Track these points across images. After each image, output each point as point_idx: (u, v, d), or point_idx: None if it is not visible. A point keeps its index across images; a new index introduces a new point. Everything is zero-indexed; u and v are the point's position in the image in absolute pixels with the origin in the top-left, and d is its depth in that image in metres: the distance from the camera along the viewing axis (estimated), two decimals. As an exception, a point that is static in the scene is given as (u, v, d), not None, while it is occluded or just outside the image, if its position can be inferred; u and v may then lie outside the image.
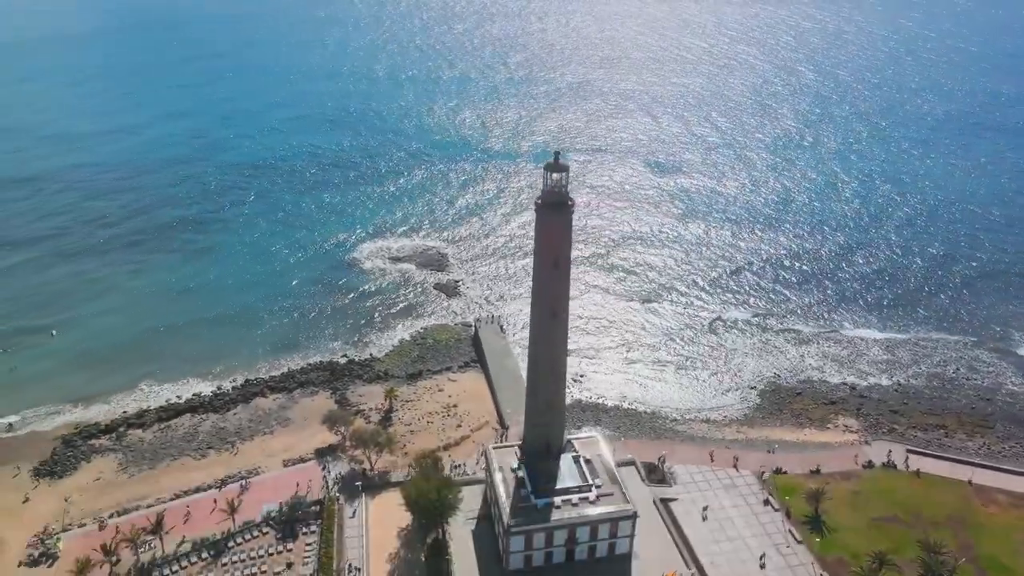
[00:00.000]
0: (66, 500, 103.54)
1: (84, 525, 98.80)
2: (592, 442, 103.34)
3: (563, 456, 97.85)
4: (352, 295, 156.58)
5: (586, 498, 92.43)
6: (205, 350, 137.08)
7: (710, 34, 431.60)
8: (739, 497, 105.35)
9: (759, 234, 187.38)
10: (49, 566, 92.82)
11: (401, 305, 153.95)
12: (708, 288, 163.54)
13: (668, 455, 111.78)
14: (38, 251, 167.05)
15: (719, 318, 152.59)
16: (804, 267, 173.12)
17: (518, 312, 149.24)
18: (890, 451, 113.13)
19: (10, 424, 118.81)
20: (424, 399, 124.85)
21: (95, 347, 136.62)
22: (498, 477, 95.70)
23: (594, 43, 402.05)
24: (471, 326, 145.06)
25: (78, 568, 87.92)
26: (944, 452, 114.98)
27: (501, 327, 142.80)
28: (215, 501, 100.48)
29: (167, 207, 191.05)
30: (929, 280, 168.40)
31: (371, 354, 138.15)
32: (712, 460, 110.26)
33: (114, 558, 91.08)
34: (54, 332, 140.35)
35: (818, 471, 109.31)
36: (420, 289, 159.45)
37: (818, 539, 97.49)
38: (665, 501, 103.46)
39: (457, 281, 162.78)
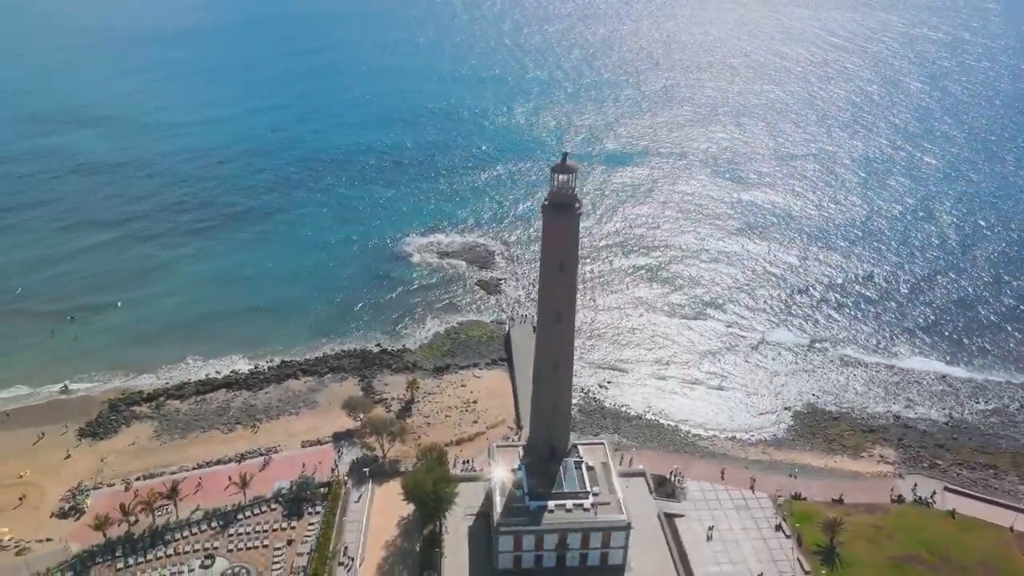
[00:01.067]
0: (102, 460, 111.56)
1: (112, 485, 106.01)
2: (598, 449, 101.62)
3: (565, 460, 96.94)
4: (396, 286, 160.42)
5: (581, 505, 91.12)
6: (250, 333, 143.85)
7: (810, 40, 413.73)
8: (750, 520, 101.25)
9: (829, 255, 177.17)
10: (76, 520, 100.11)
11: (441, 299, 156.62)
12: (760, 308, 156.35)
13: (684, 471, 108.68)
14: (119, 232, 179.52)
15: (764, 340, 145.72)
16: (870, 292, 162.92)
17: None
18: (916, 485, 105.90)
19: (65, 386, 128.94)
20: (446, 393, 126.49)
21: (152, 324, 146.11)
22: (497, 475, 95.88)
23: (687, 48, 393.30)
24: (505, 324, 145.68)
25: (96, 524, 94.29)
26: (987, 493, 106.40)
27: (534, 328, 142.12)
28: (229, 478, 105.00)
29: (237, 196, 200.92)
30: (1012, 317, 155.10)
31: (404, 345, 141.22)
32: (723, 478, 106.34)
33: (132, 518, 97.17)
34: (119, 303, 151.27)
35: (840, 500, 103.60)
36: (463, 285, 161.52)
37: (825, 571, 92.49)
38: (670, 516, 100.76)
39: (500, 280, 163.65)
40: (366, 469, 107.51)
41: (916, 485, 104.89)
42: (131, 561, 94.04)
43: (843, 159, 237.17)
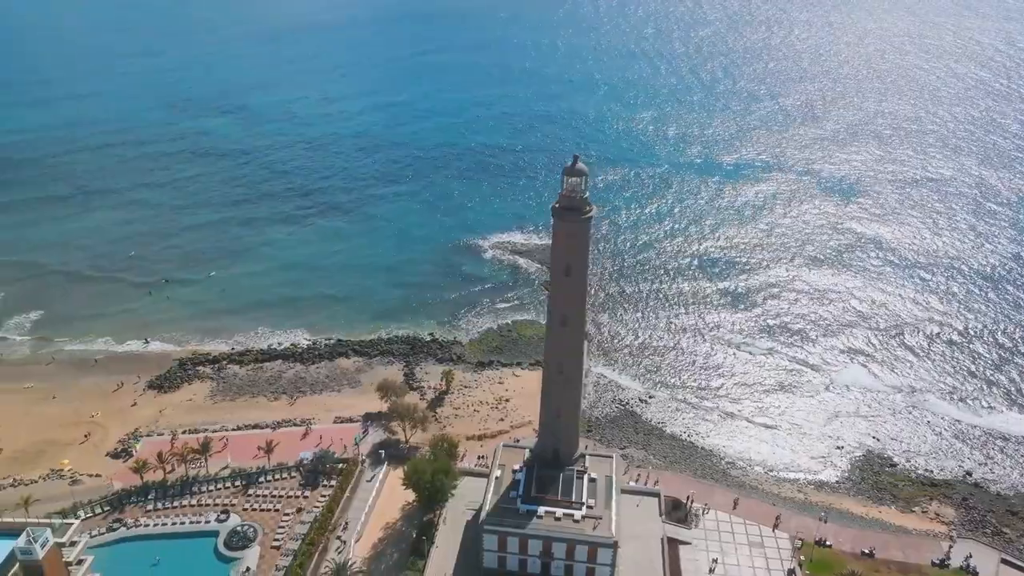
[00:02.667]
0: (160, 411, 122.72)
1: (162, 435, 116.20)
2: (605, 462, 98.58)
3: (567, 468, 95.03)
4: (463, 280, 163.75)
5: (571, 515, 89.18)
6: (319, 315, 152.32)
7: (989, 56, 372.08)
8: (762, 558, 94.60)
9: (937, 300, 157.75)
10: (124, 461, 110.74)
11: (503, 296, 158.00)
12: (836, 348, 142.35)
13: (706, 499, 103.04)
14: (225, 214, 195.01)
15: (832, 380, 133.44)
16: (973, 343, 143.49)
17: (607, 323, 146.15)
18: (951, 547, 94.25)
19: (146, 340, 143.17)
20: (482, 388, 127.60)
21: (234, 298, 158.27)
22: (495, 474, 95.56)
23: (840, 60, 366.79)
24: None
25: (135, 467, 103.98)
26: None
27: (586, 335, 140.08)
28: (258, 448, 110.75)
29: (339, 187, 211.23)
30: None
31: (455, 337, 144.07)
32: (734, 507, 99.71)
33: (168, 467, 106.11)
34: (212, 273, 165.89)
35: (871, 554, 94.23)
36: (527, 284, 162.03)
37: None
38: (675, 542, 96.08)
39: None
40: (381, 451, 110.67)
41: (951, 547, 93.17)
42: (160, 505, 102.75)
43: (995, 194, 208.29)
